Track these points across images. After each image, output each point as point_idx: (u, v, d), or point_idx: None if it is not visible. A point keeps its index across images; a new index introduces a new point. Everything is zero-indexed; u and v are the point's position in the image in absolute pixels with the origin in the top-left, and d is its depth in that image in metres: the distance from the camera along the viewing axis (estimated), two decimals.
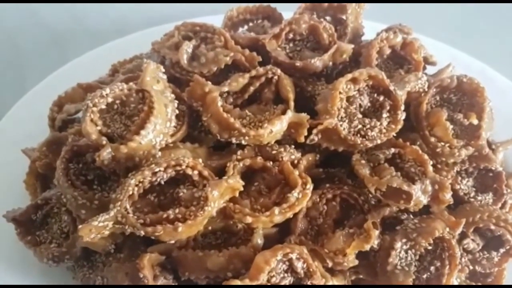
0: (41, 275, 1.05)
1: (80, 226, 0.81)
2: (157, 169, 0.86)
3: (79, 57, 1.38)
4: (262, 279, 0.82)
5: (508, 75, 1.40)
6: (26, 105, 1.29)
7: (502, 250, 0.98)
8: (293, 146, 0.97)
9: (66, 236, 0.97)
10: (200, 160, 0.91)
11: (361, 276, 0.98)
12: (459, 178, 1.02)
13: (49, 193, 1.00)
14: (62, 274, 1.05)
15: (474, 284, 1.02)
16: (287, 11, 1.18)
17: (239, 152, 0.96)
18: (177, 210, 0.83)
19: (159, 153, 0.92)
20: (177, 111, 0.95)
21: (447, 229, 0.90)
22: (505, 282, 1.03)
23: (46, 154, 1.04)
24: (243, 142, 0.94)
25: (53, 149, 1.03)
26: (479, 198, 1.02)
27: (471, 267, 0.97)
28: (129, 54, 1.30)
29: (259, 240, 0.89)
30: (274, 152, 0.96)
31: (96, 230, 0.82)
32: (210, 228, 0.92)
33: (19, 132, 1.24)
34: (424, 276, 0.91)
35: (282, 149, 0.96)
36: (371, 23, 1.20)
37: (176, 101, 0.96)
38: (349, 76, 0.94)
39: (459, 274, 0.99)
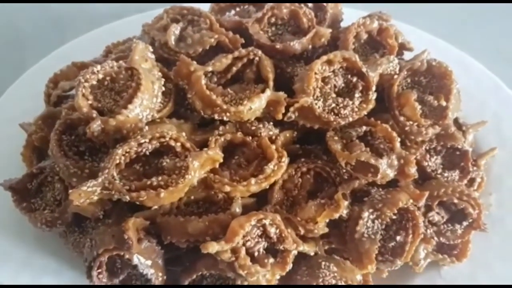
0: (35, 240, 1.13)
1: (70, 191, 0.89)
2: (142, 140, 0.93)
3: (76, 39, 1.45)
4: (237, 242, 0.89)
5: (487, 65, 1.46)
6: (24, 83, 1.37)
7: (465, 223, 1.05)
8: (271, 123, 1.04)
9: (58, 203, 1.04)
10: (184, 134, 0.98)
11: (333, 246, 1.05)
12: (428, 156, 1.09)
13: (44, 164, 1.07)
14: (55, 240, 1.13)
15: (441, 255, 1.08)
16: None
17: (221, 128, 1.03)
18: (160, 178, 0.91)
19: (146, 127, 0.98)
20: (163, 89, 1.02)
21: (411, 201, 0.97)
22: (469, 255, 1.10)
23: (42, 128, 1.11)
24: (225, 119, 1.01)
25: (48, 123, 1.10)
26: (446, 175, 1.09)
27: (436, 239, 1.04)
28: (123, 37, 1.37)
29: (237, 209, 0.96)
30: (253, 128, 1.03)
31: (85, 195, 0.89)
32: (192, 197, 0.99)
33: (17, 109, 1.31)
34: (390, 244, 0.98)
35: (261, 125, 1.03)
36: (351, 10, 1.26)
37: (163, 79, 1.02)
38: (325, 58, 1.00)
39: (426, 246, 1.06)
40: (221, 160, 0.95)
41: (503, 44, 1.74)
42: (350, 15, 1.23)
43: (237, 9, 1.27)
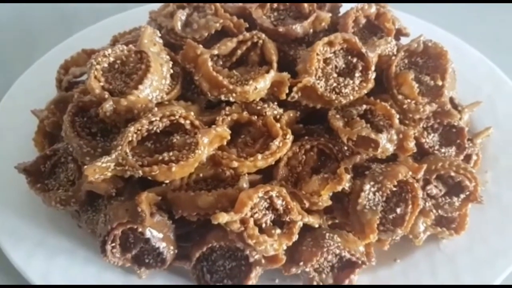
0: (49, 222, 1.17)
1: (86, 166, 0.93)
2: (153, 118, 0.97)
3: (82, 30, 1.50)
4: (246, 213, 0.93)
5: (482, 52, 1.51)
6: (34, 73, 1.41)
7: (462, 196, 1.09)
8: (276, 103, 1.09)
9: (72, 183, 1.08)
10: (192, 113, 1.02)
11: (336, 221, 1.10)
12: (425, 133, 1.14)
13: (57, 146, 1.11)
14: (68, 221, 1.17)
15: (440, 229, 1.13)
16: None
17: (227, 108, 1.07)
18: (171, 153, 0.95)
19: (155, 108, 1.03)
20: (171, 71, 1.06)
21: (410, 173, 1.01)
22: (467, 228, 1.15)
23: (54, 112, 1.15)
24: (231, 99, 1.05)
25: (60, 107, 1.14)
26: (443, 150, 1.13)
27: (434, 211, 1.09)
28: (128, 28, 1.41)
29: (244, 184, 1.00)
30: (258, 108, 1.07)
31: (100, 170, 0.93)
32: (201, 175, 1.03)
33: (27, 98, 1.35)
34: (391, 216, 1.03)
35: (266, 105, 1.07)
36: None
37: (171, 62, 1.07)
38: (326, 39, 1.05)
39: (425, 219, 1.10)
40: (229, 137, 1.00)
41: (499, 33, 1.79)
42: (346, 7, 1.28)
43: None
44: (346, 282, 1.02)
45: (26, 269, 1.09)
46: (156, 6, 1.29)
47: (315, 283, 1.02)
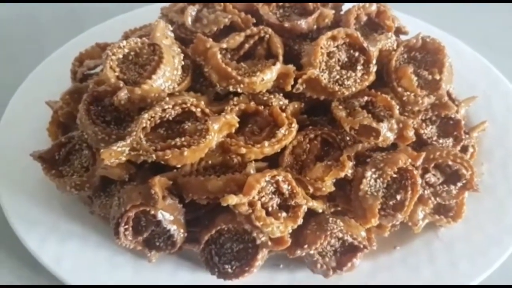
0: (61, 209, 1.21)
1: (102, 150, 0.97)
2: (166, 106, 1.02)
3: (93, 28, 1.55)
4: (254, 196, 0.98)
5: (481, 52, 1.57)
6: (46, 68, 1.46)
7: (459, 184, 1.14)
8: (281, 95, 1.14)
9: (86, 169, 1.13)
10: (202, 102, 1.07)
11: (339, 208, 1.14)
12: (424, 125, 1.19)
13: (72, 134, 1.16)
14: (80, 208, 1.21)
15: (438, 217, 1.18)
16: None
17: (235, 99, 1.12)
18: (183, 139, 1.00)
19: (167, 99, 1.08)
20: (183, 63, 1.11)
21: (410, 160, 1.06)
22: (464, 216, 1.20)
23: (68, 103, 1.19)
24: (239, 90, 1.10)
25: (75, 97, 1.19)
26: (441, 141, 1.19)
27: (433, 199, 1.13)
28: (138, 25, 1.47)
29: (251, 170, 1.04)
30: (265, 98, 1.12)
31: (115, 154, 0.98)
32: (210, 162, 1.08)
33: (40, 91, 1.39)
34: (391, 202, 1.07)
35: (272, 96, 1.12)
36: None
37: (182, 55, 1.12)
38: (329, 33, 1.11)
39: (424, 207, 1.15)
40: (237, 125, 1.05)
41: (492, 33, 1.86)
42: (348, 5, 1.33)
43: None
44: (349, 265, 1.07)
45: (40, 252, 1.13)
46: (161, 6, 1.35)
47: (318, 266, 1.06)
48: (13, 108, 1.38)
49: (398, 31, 1.32)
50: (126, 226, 1.03)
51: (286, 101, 1.13)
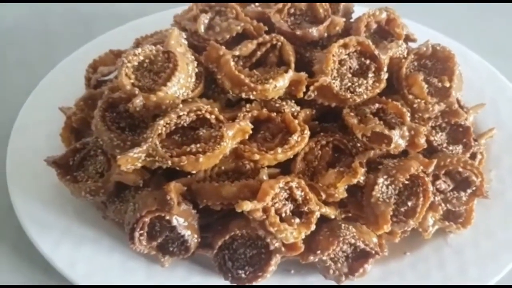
0: (75, 214, 1.22)
1: (118, 157, 0.99)
2: (181, 113, 1.03)
3: (104, 34, 1.57)
4: (268, 202, 0.99)
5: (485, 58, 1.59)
6: (59, 73, 1.47)
7: (469, 191, 1.16)
8: (293, 101, 1.15)
9: (100, 175, 1.14)
10: (216, 109, 1.08)
11: (350, 215, 1.15)
12: (434, 132, 1.21)
13: (86, 139, 1.17)
14: (93, 213, 1.23)
15: (448, 223, 1.19)
16: None
17: (248, 105, 1.13)
18: (198, 145, 1.01)
19: (181, 105, 1.09)
20: (196, 70, 1.13)
21: (421, 167, 1.07)
22: (473, 223, 1.21)
23: (82, 109, 1.21)
24: (251, 97, 1.11)
25: (89, 103, 1.20)
26: (450, 148, 1.20)
27: (443, 205, 1.15)
28: (148, 32, 1.48)
29: (264, 177, 1.05)
30: (277, 105, 1.13)
31: (132, 160, 0.99)
32: (223, 168, 1.09)
33: (52, 97, 1.40)
34: (403, 208, 1.08)
35: (284, 103, 1.14)
36: (358, 8, 1.37)
37: (196, 62, 1.14)
38: (341, 41, 1.12)
39: (434, 213, 1.16)
40: (251, 131, 1.06)
41: (500, 40, 1.87)
42: (357, 12, 1.35)
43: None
44: (360, 271, 1.08)
45: (53, 256, 1.14)
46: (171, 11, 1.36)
47: (331, 272, 1.07)
48: (26, 114, 1.39)
49: (407, 39, 1.34)
50: (141, 231, 1.04)
51: (298, 108, 1.15)
